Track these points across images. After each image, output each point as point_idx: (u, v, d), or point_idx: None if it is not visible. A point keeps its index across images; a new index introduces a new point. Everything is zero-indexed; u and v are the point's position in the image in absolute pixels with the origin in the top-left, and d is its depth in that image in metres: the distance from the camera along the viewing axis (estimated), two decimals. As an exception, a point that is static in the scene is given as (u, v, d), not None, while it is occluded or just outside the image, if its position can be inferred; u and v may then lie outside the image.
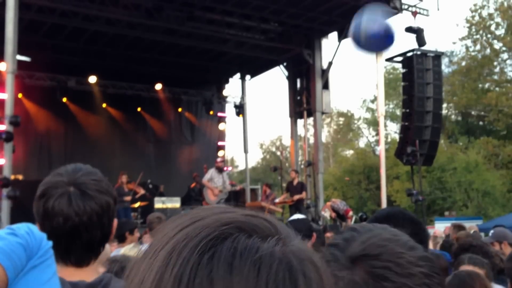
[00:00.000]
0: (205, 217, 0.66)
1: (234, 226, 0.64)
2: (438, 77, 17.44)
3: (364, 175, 41.37)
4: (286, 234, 0.68)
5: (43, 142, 20.22)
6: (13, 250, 1.22)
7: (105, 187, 1.84)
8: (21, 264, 1.23)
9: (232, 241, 0.62)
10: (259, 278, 0.60)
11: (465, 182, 33.46)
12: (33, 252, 1.27)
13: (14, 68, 14.10)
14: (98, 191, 1.80)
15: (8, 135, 13.84)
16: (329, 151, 54.26)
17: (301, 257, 0.65)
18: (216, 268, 0.60)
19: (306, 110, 20.99)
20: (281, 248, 0.64)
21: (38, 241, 1.31)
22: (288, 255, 0.63)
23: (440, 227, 16.25)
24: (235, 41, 19.62)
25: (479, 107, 39.99)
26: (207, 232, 0.63)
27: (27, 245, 1.26)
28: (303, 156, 22.07)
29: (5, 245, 1.22)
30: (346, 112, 56.65)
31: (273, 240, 0.64)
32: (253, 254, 0.61)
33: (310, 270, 0.64)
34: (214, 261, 0.60)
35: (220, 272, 0.59)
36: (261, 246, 0.62)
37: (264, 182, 21.97)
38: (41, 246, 1.30)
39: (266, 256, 0.62)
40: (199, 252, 0.61)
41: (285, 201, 16.88)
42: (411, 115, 17.02)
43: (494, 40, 39.28)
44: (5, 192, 13.73)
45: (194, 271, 0.60)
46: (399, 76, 29.66)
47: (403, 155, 17.01)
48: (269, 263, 0.61)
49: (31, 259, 1.26)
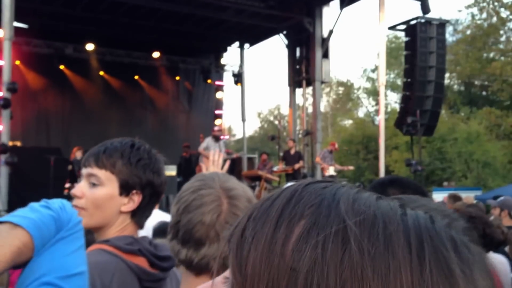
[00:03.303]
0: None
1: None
2: (442, 46, 17.36)
3: (362, 145, 41.53)
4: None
5: (40, 109, 20.42)
6: (44, 222, 1.31)
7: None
8: (49, 235, 1.32)
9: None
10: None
11: (465, 153, 33.56)
12: (63, 224, 1.36)
13: (11, 34, 14.32)
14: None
15: (5, 101, 14.09)
16: (327, 120, 54.32)
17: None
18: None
19: (305, 79, 21.12)
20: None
21: (69, 215, 1.39)
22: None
23: (439, 197, 16.37)
24: (234, 9, 19.59)
25: (482, 77, 39.85)
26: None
27: (58, 217, 1.35)
28: (301, 126, 22.25)
29: (37, 217, 1.31)
30: (346, 82, 56.71)
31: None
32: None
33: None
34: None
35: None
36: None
37: (262, 151, 22.20)
38: (71, 220, 1.39)
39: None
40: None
41: (285, 169, 17.08)
42: (413, 84, 17.02)
43: (501, 8, 38.96)
44: (3, 158, 14.03)
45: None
46: (401, 45, 29.75)
47: (403, 125, 17.02)
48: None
49: (60, 231, 1.34)
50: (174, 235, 1.63)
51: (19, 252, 1.24)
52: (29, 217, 1.30)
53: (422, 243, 0.52)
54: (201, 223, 1.56)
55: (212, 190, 1.61)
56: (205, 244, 1.56)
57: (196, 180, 1.67)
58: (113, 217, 2.00)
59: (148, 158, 2.04)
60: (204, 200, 1.58)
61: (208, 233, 1.56)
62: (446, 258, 0.51)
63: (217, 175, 1.69)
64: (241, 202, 1.61)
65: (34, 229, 1.27)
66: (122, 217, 2.01)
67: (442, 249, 0.52)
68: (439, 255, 0.51)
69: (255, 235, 0.56)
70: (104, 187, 1.98)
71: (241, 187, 1.67)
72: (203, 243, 1.56)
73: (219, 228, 1.55)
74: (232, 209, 1.59)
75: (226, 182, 1.65)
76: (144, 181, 1.99)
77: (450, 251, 0.52)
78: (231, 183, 1.66)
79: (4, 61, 14.25)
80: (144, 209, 2.04)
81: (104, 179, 1.98)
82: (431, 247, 0.52)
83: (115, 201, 1.99)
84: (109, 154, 2.01)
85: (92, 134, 17.66)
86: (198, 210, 1.57)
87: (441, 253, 0.51)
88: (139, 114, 22.59)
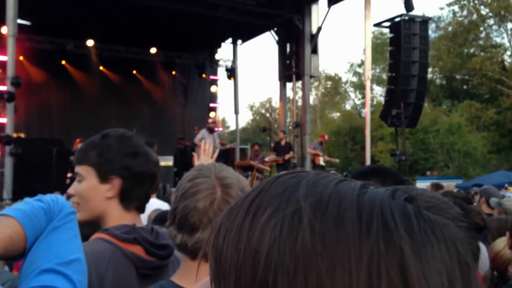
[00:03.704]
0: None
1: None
2: (425, 42, 17.41)
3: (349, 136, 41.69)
4: None
5: (43, 102, 20.44)
6: (34, 213, 1.34)
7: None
8: (40, 225, 1.34)
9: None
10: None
11: (447, 144, 33.72)
12: (53, 215, 1.38)
13: (15, 31, 14.29)
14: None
15: (10, 95, 14.06)
16: (316, 113, 54.37)
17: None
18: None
19: (295, 73, 21.10)
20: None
21: (60, 207, 1.41)
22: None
23: (422, 186, 16.45)
24: (227, 7, 19.51)
25: (463, 72, 40.03)
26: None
27: (48, 208, 1.38)
28: (291, 118, 22.28)
29: (28, 208, 1.35)
30: (334, 76, 56.76)
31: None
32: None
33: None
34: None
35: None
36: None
37: (254, 142, 22.19)
38: (63, 210, 1.40)
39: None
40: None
41: (276, 159, 17.09)
42: (397, 78, 17.08)
43: (481, 6, 39.14)
44: (8, 149, 14.01)
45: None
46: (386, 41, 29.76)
47: (388, 117, 17.07)
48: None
49: (52, 221, 1.36)
50: (172, 221, 1.67)
51: (9, 240, 1.26)
52: (20, 209, 1.34)
53: (372, 217, 0.52)
54: (195, 209, 1.60)
55: (208, 178, 1.64)
56: (198, 230, 1.60)
57: (194, 170, 1.71)
58: (102, 205, 2.04)
59: (119, 143, 2.06)
60: (199, 187, 1.62)
61: (202, 219, 1.60)
62: (395, 230, 0.51)
63: (214, 166, 1.72)
64: (234, 190, 1.64)
65: (24, 219, 1.31)
66: (113, 204, 2.05)
67: (391, 222, 0.52)
68: (388, 227, 0.51)
69: (229, 226, 0.58)
70: (86, 180, 2.04)
71: (235, 177, 1.70)
72: (197, 229, 1.60)
73: (212, 214, 1.59)
74: (225, 197, 1.62)
75: (222, 171, 1.69)
76: (118, 166, 2.03)
77: (401, 224, 0.52)
78: (226, 172, 1.69)
79: (8, 56, 14.23)
80: (129, 192, 2.06)
81: (84, 173, 2.05)
82: (381, 220, 0.52)
83: (98, 190, 2.03)
84: (84, 150, 2.08)
85: (92, 126, 17.65)
86: (193, 197, 1.61)
87: (391, 225, 0.51)
88: (137, 107, 22.59)
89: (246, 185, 1.70)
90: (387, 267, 0.49)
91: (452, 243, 0.54)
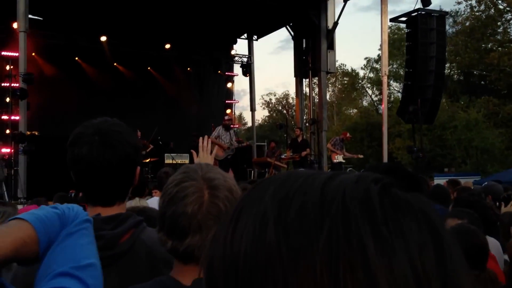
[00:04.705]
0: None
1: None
2: (442, 37, 17.26)
3: (366, 132, 41.54)
4: None
5: (57, 99, 20.16)
6: (48, 218, 1.34)
7: (126, 138, 1.99)
8: (54, 230, 1.34)
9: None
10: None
11: (465, 140, 33.56)
12: (68, 220, 1.37)
13: (26, 27, 14.10)
14: (119, 142, 1.95)
15: (22, 92, 13.92)
16: (333, 109, 54.24)
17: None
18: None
19: (311, 69, 20.98)
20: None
21: (75, 212, 1.41)
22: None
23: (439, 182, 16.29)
24: (243, 2, 19.35)
25: (481, 67, 39.87)
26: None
27: (62, 214, 1.38)
28: (308, 115, 22.09)
29: (42, 213, 1.35)
30: (350, 72, 56.44)
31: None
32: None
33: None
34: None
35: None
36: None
37: (270, 139, 22.03)
38: (78, 216, 1.40)
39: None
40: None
41: (293, 156, 16.93)
42: (414, 74, 16.89)
43: (498, 0, 38.91)
44: (21, 147, 13.84)
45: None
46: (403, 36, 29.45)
47: (405, 113, 16.93)
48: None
49: (65, 227, 1.36)
50: (161, 226, 1.65)
51: (22, 242, 1.26)
52: (34, 213, 1.34)
53: (333, 201, 0.53)
54: (184, 214, 1.58)
55: (194, 182, 1.62)
56: (189, 234, 1.58)
57: (180, 173, 1.68)
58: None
59: (73, 139, 1.97)
60: (187, 192, 1.60)
61: (191, 224, 1.58)
62: (352, 211, 0.51)
63: (200, 167, 1.69)
64: (222, 192, 1.62)
65: (37, 223, 1.30)
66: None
67: (349, 203, 0.52)
68: (347, 209, 0.52)
69: (217, 235, 0.59)
70: None
71: (222, 177, 1.67)
72: (187, 233, 1.58)
73: (201, 218, 1.58)
74: (213, 199, 1.60)
75: (208, 172, 1.66)
76: (69, 160, 1.96)
77: (360, 205, 0.52)
78: (213, 173, 1.66)
79: (20, 52, 14.04)
80: (81, 184, 1.99)
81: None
82: (341, 204, 0.52)
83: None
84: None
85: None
86: (181, 202, 1.59)
87: (349, 207, 0.52)
88: (152, 104, 22.34)
89: (233, 184, 1.68)
90: (347, 249, 0.50)
91: (422, 214, 0.54)
